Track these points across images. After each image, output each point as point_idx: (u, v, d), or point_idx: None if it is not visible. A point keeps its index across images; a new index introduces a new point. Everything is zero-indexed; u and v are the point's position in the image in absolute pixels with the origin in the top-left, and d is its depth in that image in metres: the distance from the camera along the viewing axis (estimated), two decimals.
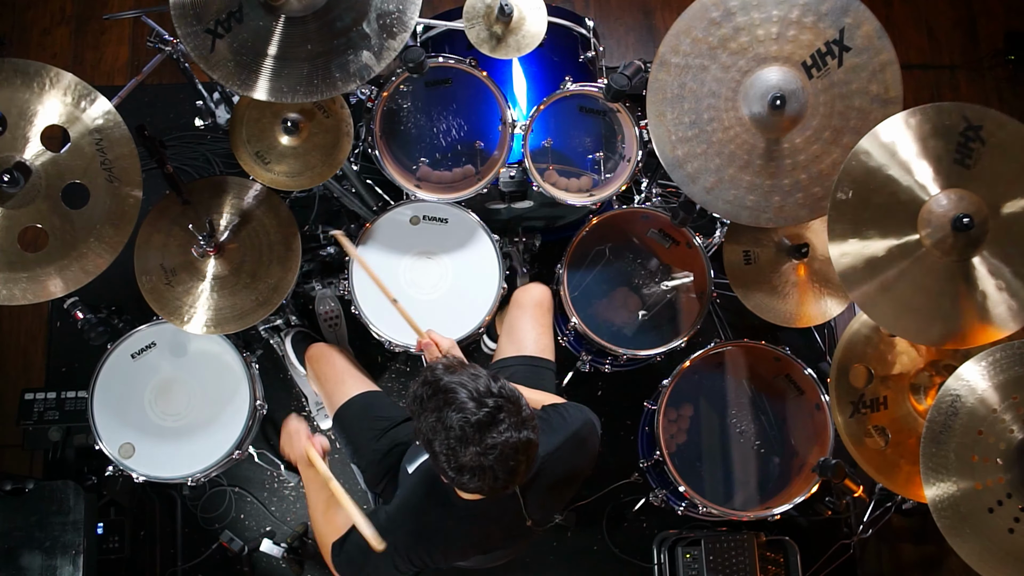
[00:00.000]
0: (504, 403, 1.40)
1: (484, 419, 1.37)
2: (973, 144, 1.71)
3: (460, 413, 1.37)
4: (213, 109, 2.54)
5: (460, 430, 1.37)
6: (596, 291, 2.50)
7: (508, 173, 2.24)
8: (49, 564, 2.31)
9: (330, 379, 2.26)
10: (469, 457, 1.37)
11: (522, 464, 1.41)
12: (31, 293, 1.87)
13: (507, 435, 1.37)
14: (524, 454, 1.40)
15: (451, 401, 1.39)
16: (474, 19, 2.01)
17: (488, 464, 1.37)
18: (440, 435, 1.39)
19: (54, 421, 2.63)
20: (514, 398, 1.42)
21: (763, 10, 1.82)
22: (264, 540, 2.64)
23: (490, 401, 1.39)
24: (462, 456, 1.38)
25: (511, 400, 1.41)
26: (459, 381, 1.41)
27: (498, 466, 1.38)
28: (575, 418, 1.72)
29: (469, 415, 1.37)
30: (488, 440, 1.36)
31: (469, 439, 1.37)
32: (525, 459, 1.41)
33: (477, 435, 1.37)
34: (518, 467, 1.40)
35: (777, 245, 2.33)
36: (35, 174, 1.83)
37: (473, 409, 1.37)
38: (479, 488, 1.42)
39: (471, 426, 1.37)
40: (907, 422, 2.04)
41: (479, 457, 1.37)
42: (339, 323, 2.83)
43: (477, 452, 1.37)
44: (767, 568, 2.55)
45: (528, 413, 1.44)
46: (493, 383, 1.42)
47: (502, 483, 1.41)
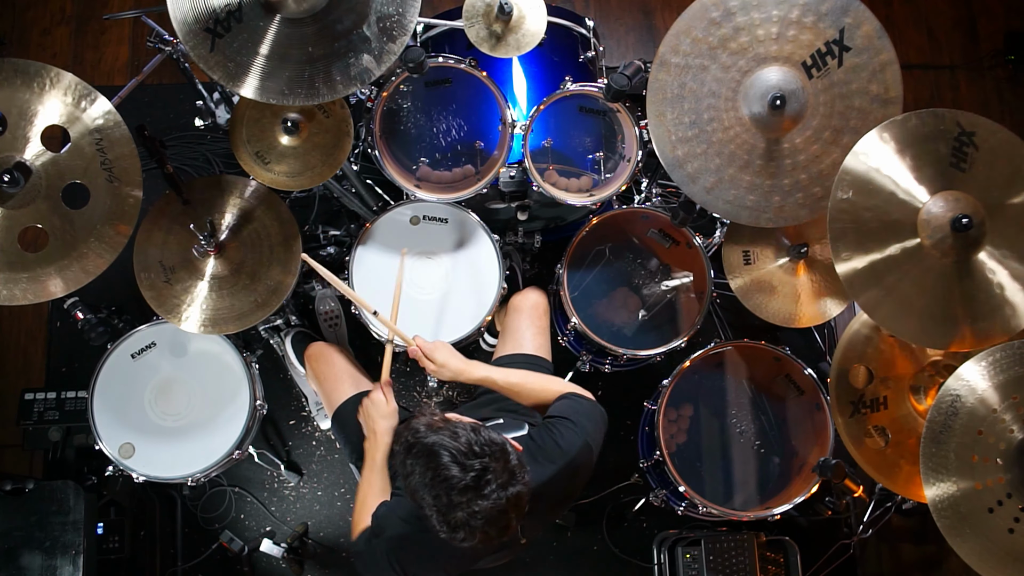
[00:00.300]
0: (489, 462, 1.38)
1: (470, 483, 1.36)
2: (967, 148, 1.72)
3: (445, 479, 1.36)
4: (213, 109, 2.54)
5: (447, 496, 1.36)
6: (596, 291, 2.50)
7: (508, 173, 2.24)
8: (49, 564, 2.31)
9: (329, 379, 2.26)
10: (458, 520, 1.36)
11: (513, 519, 1.39)
12: (31, 293, 1.87)
13: (495, 496, 1.36)
14: (515, 508, 1.39)
15: (435, 466, 1.37)
16: (474, 18, 2.01)
17: (478, 525, 1.36)
18: (427, 499, 1.39)
19: (54, 421, 2.63)
20: (499, 452, 1.40)
21: (763, 10, 1.82)
22: (264, 540, 2.64)
23: (476, 463, 1.37)
24: (451, 519, 1.37)
25: (495, 456, 1.39)
26: (441, 443, 1.39)
27: (489, 526, 1.37)
28: (571, 444, 1.67)
29: (455, 481, 1.36)
30: (475, 506, 1.35)
31: (457, 504, 1.36)
32: (516, 512, 1.39)
33: (464, 499, 1.36)
34: (510, 522, 1.39)
35: (777, 245, 2.33)
36: (35, 174, 1.83)
37: (458, 474, 1.36)
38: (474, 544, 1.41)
39: (457, 492, 1.35)
40: (907, 422, 2.04)
41: (469, 519, 1.36)
42: (339, 323, 2.83)
43: (466, 516, 1.36)
44: (767, 568, 2.55)
45: (515, 463, 1.41)
46: (475, 437, 1.40)
47: (495, 538, 1.39)
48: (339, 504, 2.83)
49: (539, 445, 1.68)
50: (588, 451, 1.70)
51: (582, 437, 1.69)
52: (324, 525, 2.82)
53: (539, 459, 1.65)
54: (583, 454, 1.68)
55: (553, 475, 1.63)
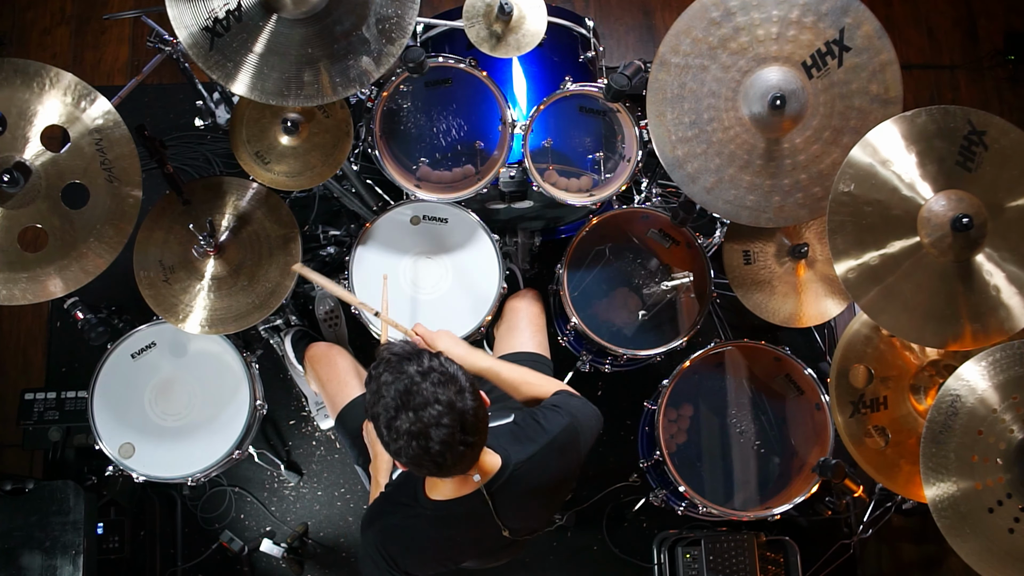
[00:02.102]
0: (439, 369, 1.42)
1: (414, 378, 1.40)
2: (976, 148, 1.71)
3: (396, 375, 1.41)
4: (213, 109, 2.54)
5: (392, 395, 1.39)
6: (596, 291, 2.50)
7: (508, 173, 2.24)
8: (49, 564, 2.31)
9: (331, 380, 2.26)
10: (403, 424, 1.38)
11: (456, 432, 1.39)
12: (31, 293, 1.87)
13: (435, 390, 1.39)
14: (458, 420, 1.39)
15: (391, 370, 1.42)
16: (474, 18, 2.01)
17: (419, 429, 1.37)
18: (379, 406, 1.42)
19: (54, 421, 2.63)
20: (451, 372, 1.44)
21: (763, 10, 1.82)
22: (264, 540, 2.64)
23: (426, 364, 1.42)
24: (397, 424, 1.39)
25: (447, 373, 1.43)
26: (402, 355, 1.44)
27: (430, 427, 1.37)
28: (554, 424, 1.67)
29: (403, 377, 1.40)
30: (417, 399, 1.38)
31: (401, 407, 1.39)
32: (460, 426, 1.39)
33: (406, 398, 1.39)
34: (453, 436, 1.39)
35: (777, 245, 2.33)
36: (35, 174, 1.83)
37: (410, 372, 1.41)
38: (415, 456, 1.41)
39: (400, 391, 1.39)
40: (907, 422, 2.04)
41: (412, 424, 1.38)
42: (339, 323, 2.83)
43: (408, 418, 1.38)
44: (767, 568, 2.55)
45: (466, 385, 1.44)
46: (432, 360, 1.44)
47: (437, 448, 1.39)
48: (339, 504, 2.83)
49: (522, 428, 1.69)
50: (573, 433, 1.68)
51: (566, 419, 1.69)
52: (324, 525, 2.82)
53: (521, 439, 1.65)
54: (567, 434, 1.67)
55: (535, 452, 1.62)
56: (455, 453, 1.41)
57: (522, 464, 1.61)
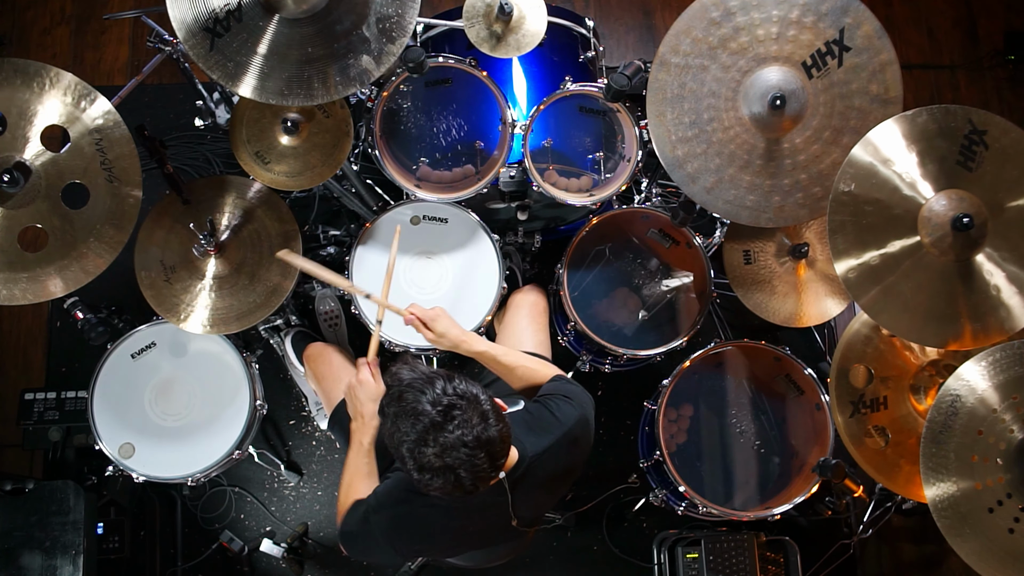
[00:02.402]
0: (458, 401, 1.41)
1: (437, 419, 1.38)
2: (977, 147, 1.71)
3: (413, 417, 1.39)
4: (213, 109, 2.54)
5: (415, 433, 1.39)
6: (596, 291, 2.50)
7: (508, 173, 2.24)
8: (49, 564, 2.31)
9: (327, 378, 2.26)
10: (428, 459, 1.38)
11: (483, 461, 1.40)
12: (31, 293, 1.87)
13: (460, 432, 1.38)
14: (483, 450, 1.40)
15: (406, 406, 1.41)
16: (474, 18, 2.01)
17: (446, 464, 1.38)
18: (401, 440, 1.41)
19: (54, 421, 2.63)
20: (470, 395, 1.43)
21: (763, 10, 1.82)
22: (264, 540, 2.64)
23: (444, 400, 1.40)
24: (422, 458, 1.39)
25: (465, 397, 1.42)
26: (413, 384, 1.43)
27: (460, 467, 1.38)
28: (568, 416, 1.69)
29: (422, 417, 1.39)
30: (442, 440, 1.38)
31: (424, 441, 1.38)
32: (486, 455, 1.40)
33: (431, 436, 1.38)
34: (480, 464, 1.39)
35: (777, 245, 2.33)
36: (35, 174, 1.83)
37: (428, 410, 1.39)
38: (444, 488, 1.42)
39: (424, 428, 1.38)
40: (907, 422, 2.04)
41: (437, 458, 1.38)
42: (339, 323, 2.83)
43: (434, 453, 1.38)
44: (767, 568, 2.55)
45: (488, 408, 1.43)
46: (448, 384, 1.43)
47: (468, 482, 1.40)
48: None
49: (536, 417, 1.70)
50: (585, 424, 1.71)
51: (578, 410, 1.71)
52: (324, 525, 2.82)
53: (536, 430, 1.66)
54: (580, 426, 1.69)
55: (550, 445, 1.64)
56: (486, 480, 1.43)
57: (538, 456, 1.62)
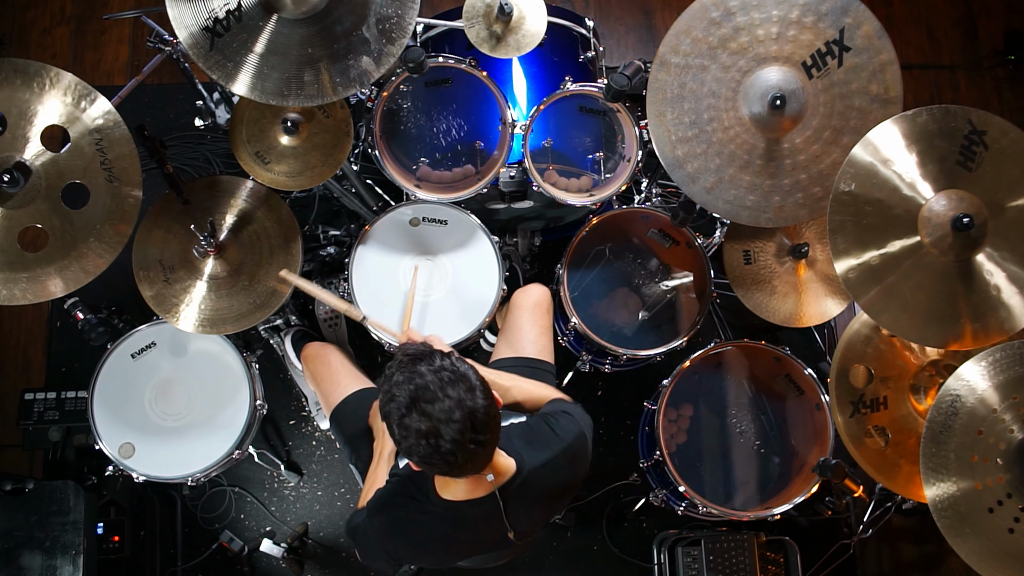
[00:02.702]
0: (447, 373, 1.42)
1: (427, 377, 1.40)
2: (976, 148, 1.71)
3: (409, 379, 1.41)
4: (213, 109, 2.54)
5: (406, 396, 1.40)
6: (596, 291, 2.50)
7: (508, 173, 2.24)
8: (49, 564, 2.31)
9: (325, 379, 2.25)
10: (414, 421, 1.39)
11: (467, 431, 1.40)
12: (31, 293, 1.87)
13: (444, 392, 1.39)
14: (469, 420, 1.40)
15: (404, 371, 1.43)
16: (474, 18, 2.01)
17: (428, 427, 1.38)
18: (392, 404, 1.42)
19: (54, 421, 2.63)
20: (460, 371, 1.44)
21: (763, 10, 1.82)
22: (264, 540, 2.64)
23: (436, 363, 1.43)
24: (408, 422, 1.40)
25: (454, 371, 1.43)
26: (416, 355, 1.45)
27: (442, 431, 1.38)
28: (568, 431, 1.69)
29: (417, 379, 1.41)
30: (427, 397, 1.39)
31: (415, 403, 1.39)
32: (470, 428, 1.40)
33: (420, 402, 1.39)
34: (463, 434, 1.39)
35: (777, 245, 2.33)
36: (35, 174, 1.83)
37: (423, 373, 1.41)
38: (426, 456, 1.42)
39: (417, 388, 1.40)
40: (907, 422, 2.04)
41: (423, 419, 1.38)
42: (339, 323, 2.83)
43: (420, 413, 1.39)
44: (767, 568, 2.55)
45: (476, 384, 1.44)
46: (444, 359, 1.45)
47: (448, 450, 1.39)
48: (339, 504, 2.83)
49: (536, 432, 1.70)
50: (584, 442, 1.72)
51: (578, 427, 1.72)
52: (324, 525, 2.82)
53: (535, 444, 1.66)
54: (579, 443, 1.70)
55: (550, 459, 1.64)
56: (466, 452, 1.41)
57: (536, 469, 1.61)
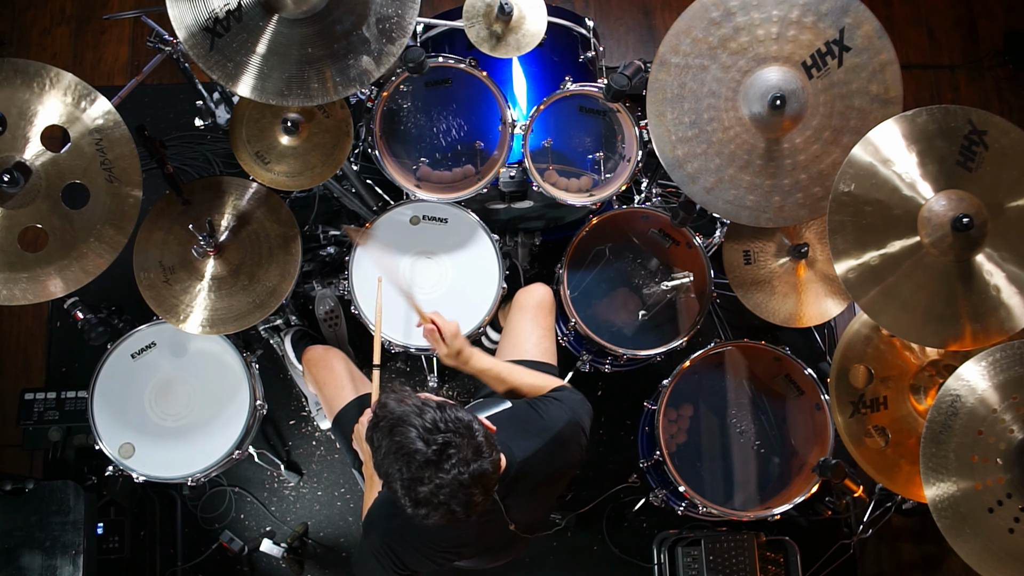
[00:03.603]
0: (452, 437, 1.38)
1: (432, 457, 1.36)
2: (976, 148, 1.71)
3: (408, 455, 1.37)
4: (213, 109, 2.54)
5: (409, 472, 1.37)
6: (596, 291, 2.50)
7: (508, 173, 2.24)
8: (49, 564, 2.31)
9: (328, 384, 2.24)
10: (423, 495, 1.37)
11: (478, 495, 1.39)
12: (31, 293, 1.87)
13: (457, 471, 1.36)
14: (479, 485, 1.38)
15: (400, 441, 1.38)
16: (474, 18, 2.01)
17: (442, 500, 1.37)
18: (394, 473, 1.39)
19: (54, 421, 2.63)
20: (464, 428, 1.40)
21: (763, 10, 1.82)
22: (264, 540, 2.64)
23: (439, 437, 1.37)
24: (416, 494, 1.37)
25: (460, 432, 1.39)
26: (405, 418, 1.40)
27: (453, 501, 1.37)
28: (556, 419, 1.68)
29: (418, 456, 1.36)
30: (438, 479, 1.36)
31: (420, 478, 1.36)
32: (481, 489, 1.39)
33: (427, 473, 1.36)
34: (473, 498, 1.38)
35: (777, 245, 2.33)
36: (35, 174, 1.83)
37: (422, 448, 1.36)
38: (439, 521, 1.40)
39: (419, 465, 1.36)
40: (907, 422, 2.04)
41: (432, 495, 1.36)
42: (339, 323, 2.83)
43: (429, 491, 1.36)
44: (767, 568, 2.55)
45: (481, 440, 1.41)
46: (440, 414, 1.41)
47: (462, 515, 1.39)
48: (339, 504, 2.83)
49: (521, 419, 1.69)
50: (575, 428, 1.70)
51: (568, 413, 1.70)
52: (324, 525, 2.82)
53: (522, 433, 1.64)
54: (569, 429, 1.68)
55: (539, 448, 1.63)
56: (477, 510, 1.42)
57: (527, 460, 1.61)
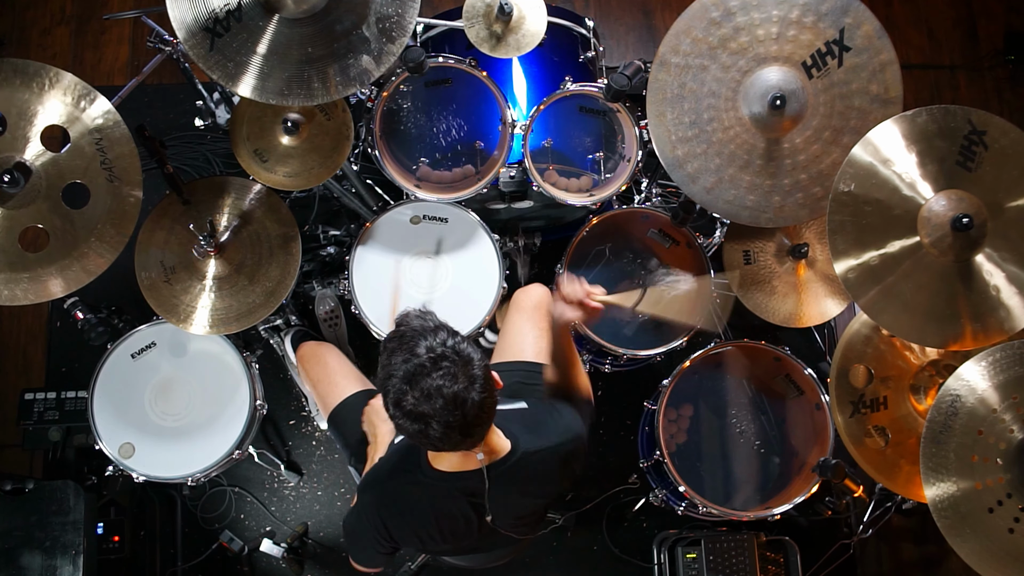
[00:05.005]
0: (452, 355, 1.41)
1: (426, 364, 1.39)
2: (976, 148, 1.71)
3: (408, 356, 1.40)
4: (213, 109, 2.54)
5: (403, 371, 1.39)
6: None
7: (508, 173, 2.24)
8: (49, 564, 2.31)
9: (322, 380, 2.24)
10: (407, 399, 1.39)
11: (457, 419, 1.39)
12: (32, 293, 1.87)
13: (440, 383, 1.38)
14: (459, 409, 1.39)
15: (405, 346, 1.42)
16: (474, 18, 2.01)
17: (423, 411, 1.38)
18: (389, 374, 1.42)
19: (54, 421, 2.63)
20: (465, 355, 1.43)
21: (763, 10, 1.82)
22: (264, 540, 2.64)
23: (438, 350, 1.41)
24: (401, 396, 1.39)
25: (460, 355, 1.42)
26: (420, 330, 1.44)
27: (433, 416, 1.38)
28: (568, 429, 1.69)
29: (414, 359, 1.40)
30: (424, 384, 1.38)
31: (410, 381, 1.39)
32: (461, 415, 1.40)
33: (417, 378, 1.39)
34: (452, 422, 1.39)
35: (777, 245, 2.33)
36: (35, 174, 1.83)
37: (421, 354, 1.40)
38: (412, 433, 1.42)
39: (414, 368, 1.39)
40: (907, 422, 2.04)
41: (416, 401, 1.38)
42: (339, 323, 2.83)
43: (415, 396, 1.38)
44: (767, 568, 2.55)
45: (478, 373, 1.43)
46: (450, 338, 1.44)
47: (436, 436, 1.40)
48: (339, 504, 2.83)
49: (536, 419, 1.70)
50: (581, 443, 1.71)
51: (579, 427, 1.71)
52: (324, 525, 2.82)
53: (534, 431, 1.66)
54: (576, 443, 1.69)
55: (544, 448, 1.64)
56: (453, 441, 1.43)
57: (530, 455, 1.61)
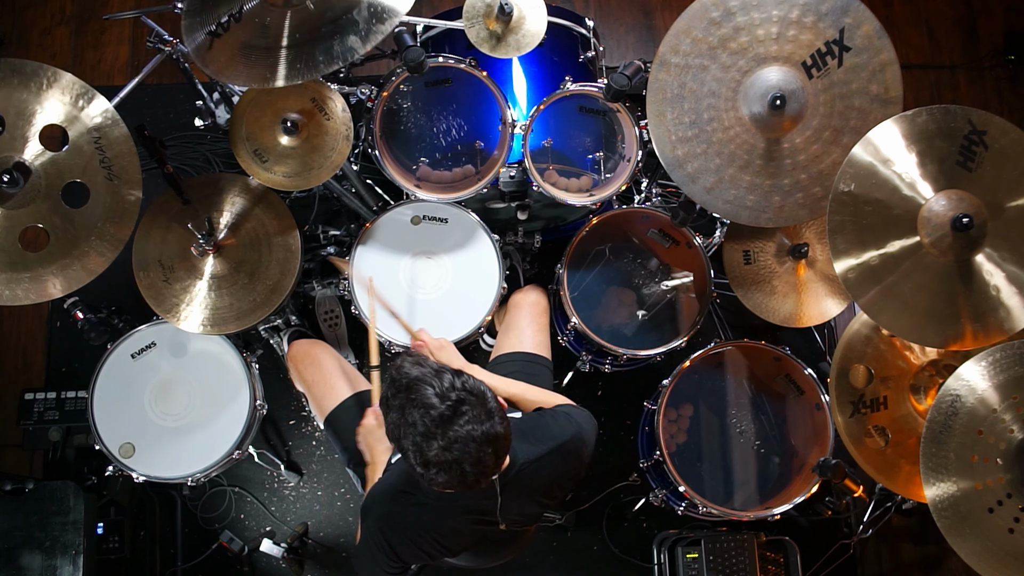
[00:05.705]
0: (467, 396, 1.41)
1: (446, 413, 1.38)
2: (976, 148, 1.71)
3: (422, 409, 1.39)
4: (213, 109, 2.54)
5: (423, 426, 1.39)
6: (596, 291, 2.50)
7: (508, 173, 2.24)
8: (49, 564, 2.31)
9: (317, 381, 2.23)
10: (434, 452, 1.38)
11: (489, 457, 1.40)
12: (33, 293, 1.87)
13: (469, 427, 1.38)
14: (491, 446, 1.40)
15: (414, 399, 1.41)
16: (474, 18, 2.01)
17: (453, 458, 1.38)
18: (406, 432, 1.41)
19: (54, 421, 2.63)
20: (478, 392, 1.43)
21: (763, 10, 1.82)
22: (264, 540, 2.64)
23: (452, 395, 1.40)
24: (428, 452, 1.39)
25: (474, 393, 1.42)
26: (423, 378, 1.43)
27: (466, 460, 1.38)
28: (563, 430, 1.70)
29: (431, 411, 1.38)
30: (451, 434, 1.37)
31: (432, 434, 1.38)
32: (492, 451, 1.41)
33: (440, 430, 1.38)
34: (485, 459, 1.40)
35: (777, 245, 2.33)
36: (35, 174, 1.83)
37: (436, 404, 1.39)
38: (448, 483, 1.42)
39: (433, 421, 1.38)
40: (907, 422, 2.04)
41: (444, 452, 1.38)
42: (339, 323, 2.83)
43: (441, 447, 1.38)
44: (767, 568, 2.55)
45: (494, 406, 1.44)
46: (456, 378, 1.44)
47: (472, 477, 1.41)
48: (339, 504, 2.83)
49: (531, 427, 1.71)
50: (580, 443, 1.71)
51: (575, 428, 1.72)
52: (324, 525, 2.82)
53: (529, 439, 1.66)
54: (574, 443, 1.70)
55: (543, 454, 1.65)
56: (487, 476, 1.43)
57: (529, 463, 1.62)
